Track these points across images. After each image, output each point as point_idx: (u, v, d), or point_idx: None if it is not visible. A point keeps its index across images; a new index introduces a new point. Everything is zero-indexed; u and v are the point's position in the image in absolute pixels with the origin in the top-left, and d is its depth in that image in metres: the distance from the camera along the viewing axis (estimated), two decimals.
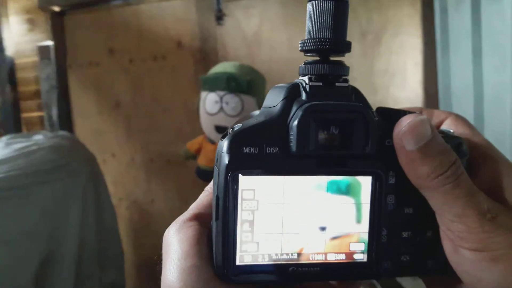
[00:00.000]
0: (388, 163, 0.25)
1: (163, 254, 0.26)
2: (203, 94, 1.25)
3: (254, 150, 0.24)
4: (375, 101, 1.65)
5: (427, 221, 0.26)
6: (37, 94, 2.08)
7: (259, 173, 0.25)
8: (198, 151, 1.35)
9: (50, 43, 1.92)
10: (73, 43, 1.93)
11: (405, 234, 0.27)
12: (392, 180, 0.26)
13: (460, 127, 0.29)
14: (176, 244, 0.25)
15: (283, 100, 0.25)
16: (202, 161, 1.31)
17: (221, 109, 1.21)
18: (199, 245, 0.25)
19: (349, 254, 0.27)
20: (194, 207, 0.28)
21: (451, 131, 0.28)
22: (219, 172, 0.25)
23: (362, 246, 0.27)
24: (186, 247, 0.25)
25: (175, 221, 0.27)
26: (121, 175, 1.97)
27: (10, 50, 1.98)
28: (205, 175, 1.29)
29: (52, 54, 1.92)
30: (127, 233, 2.00)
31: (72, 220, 1.25)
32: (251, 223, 0.25)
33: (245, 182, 0.25)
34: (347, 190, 0.26)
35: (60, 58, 1.93)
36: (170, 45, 1.79)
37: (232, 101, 1.20)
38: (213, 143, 1.30)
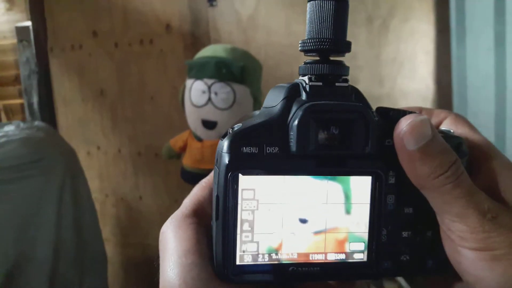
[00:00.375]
0: (388, 163, 0.25)
1: (161, 250, 0.26)
2: (189, 82, 1.09)
3: (254, 150, 0.24)
4: (381, 93, 1.52)
5: (427, 221, 0.26)
6: (17, 80, 1.93)
7: (259, 173, 0.25)
8: (183, 149, 1.20)
9: (29, 23, 1.77)
10: (54, 24, 1.78)
11: (405, 234, 0.27)
12: (392, 180, 0.26)
13: (459, 127, 0.28)
14: (175, 241, 0.25)
15: (283, 100, 0.25)
16: (187, 161, 1.15)
17: (209, 100, 1.04)
18: (199, 244, 0.25)
19: (349, 254, 0.27)
20: (191, 202, 0.27)
21: (451, 130, 0.27)
22: (219, 172, 0.25)
23: (362, 246, 0.27)
24: (186, 245, 0.25)
25: (173, 216, 0.27)
26: (107, 169, 1.85)
27: None
28: (191, 178, 1.14)
29: (32, 36, 1.77)
30: (114, 232, 1.90)
31: (46, 221, 1.12)
32: (251, 222, 0.25)
33: (245, 182, 0.25)
34: (348, 190, 0.26)
35: (40, 40, 1.78)
36: (158, 28, 1.65)
37: (222, 91, 1.03)
38: (200, 140, 1.14)
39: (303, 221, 0.26)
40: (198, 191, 0.28)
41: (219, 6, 1.56)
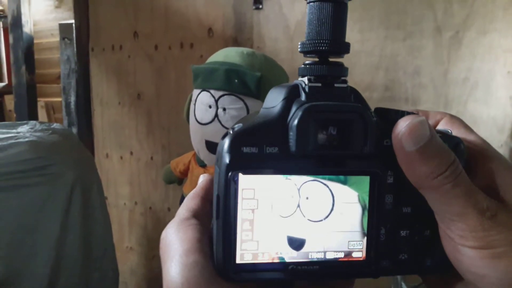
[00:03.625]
0: (386, 163, 0.26)
1: (163, 254, 0.26)
2: (195, 92, 0.91)
3: (254, 149, 0.25)
4: None
5: (425, 220, 0.27)
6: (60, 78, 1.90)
7: (259, 173, 0.25)
8: (184, 174, 1.02)
9: (72, 21, 1.73)
10: (97, 23, 1.73)
11: (403, 233, 0.27)
12: (390, 180, 0.27)
13: (455, 127, 0.29)
14: (176, 243, 0.26)
15: (283, 100, 0.26)
16: (187, 189, 0.98)
17: (216, 117, 0.84)
18: (200, 243, 0.25)
19: (348, 253, 0.27)
20: (185, 210, 0.28)
21: (449, 131, 0.28)
22: (220, 171, 0.25)
23: (361, 245, 0.27)
24: (187, 245, 0.25)
25: (172, 221, 0.28)
26: (138, 176, 1.78)
27: (31, 27, 1.80)
28: None
29: (74, 34, 1.72)
30: (140, 242, 1.82)
31: (47, 236, 1.01)
32: (251, 222, 0.26)
33: (245, 181, 0.25)
34: (347, 190, 0.26)
35: (82, 39, 1.73)
36: (200, 31, 1.54)
37: (232, 107, 0.82)
38: (203, 165, 0.96)
39: (303, 220, 0.26)
40: (189, 201, 0.29)
41: (265, 9, 1.41)
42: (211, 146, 0.89)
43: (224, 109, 0.85)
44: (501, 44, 1.20)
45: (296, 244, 0.27)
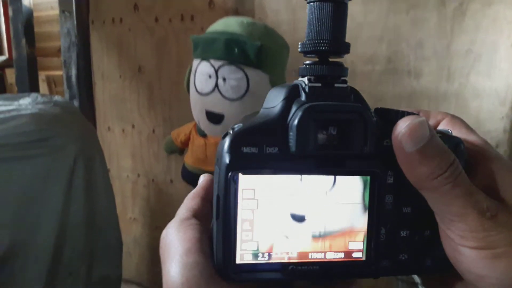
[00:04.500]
0: (386, 163, 0.26)
1: (163, 254, 0.26)
2: (195, 62, 0.90)
3: (254, 150, 0.25)
4: (449, 90, 1.27)
5: (425, 220, 0.27)
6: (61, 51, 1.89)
7: (259, 173, 0.25)
8: (185, 144, 1.02)
9: None
10: None
11: (403, 233, 0.27)
12: (390, 180, 0.26)
13: (456, 128, 0.29)
14: (177, 243, 0.26)
15: (283, 100, 0.26)
16: (188, 159, 0.98)
17: (216, 87, 0.83)
18: (200, 243, 0.26)
19: (348, 253, 0.27)
20: (185, 210, 0.28)
21: (449, 131, 0.28)
22: (220, 171, 0.25)
23: (361, 245, 0.27)
24: (188, 245, 0.25)
25: (173, 220, 0.28)
26: (140, 148, 1.79)
27: (30, 0, 1.77)
28: (192, 179, 0.96)
29: (74, 7, 1.69)
30: (143, 213, 1.85)
31: (51, 206, 1.03)
32: (251, 222, 0.26)
33: (245, 181, 0.25)
34: (347, 190, 0.26)
35: (81, 12, 1.71)
36: (201, 3, 1.52)
37: (232, 77, 0.81)
38: (203, 135, 0.95)
39: (303, 220, 0.26)
40: (189, 202, 0.29)
41: None
42: (212, 116, 0.89)
43: (224, 79, 0.84)
44: (506, 15, 1.17)
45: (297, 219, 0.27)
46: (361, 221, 0.27)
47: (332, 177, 0.26)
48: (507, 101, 1.23)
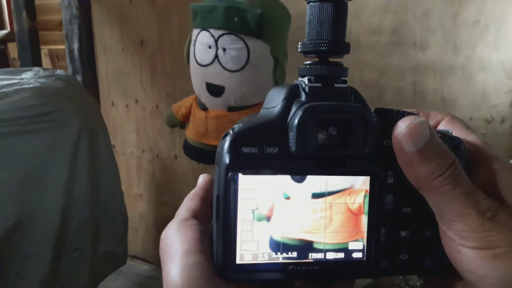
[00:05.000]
0: (386, 163, 0.26)
1: (163, 254, 0.26)
2: (194, 32, 0.87)
3: (254, 150, 0.25)
4: (455, 62, 1.25)
5: (425, 220, 0.27)
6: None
7: (259, 173, 0.25)
8: (186, 117, 1.01)
9: None
10: None
11: (403, 233, 0.27)
12: (390, 180, 0.27)
13: (456, 128, 0.29)
14: (177, 243, 0.26)
15: (283, 100, 0.26)
16: (190, 133, 0.97)
17: (216, 58, 0.81)
18: (200, 243, 0.26)
19: (348, 253, 0.27)
20: (185, 210, 0.28)
21: (449, 131, 0.28)
22: (220, 171, 0.25)
23: (361, 245, 0.27)
24: (187, 245, 0.25)
25: (172, 221, 0.28)
26: (144, 124, 1.79)
27: None
28: (194, 153, 0.96)
29: None
30: (148, 189, 1.86)
31: (56, 180, 1.04)
32: (251, 222, 0.26)
33: (245, 181, 0.25)
34: (346, 190, 0.26)
35: None
36: None
37: (232, 47, 0.79)
38: (204, 108, 0.94)
39: (301, 181, 0.26)
40: (189, 202, 0.29)
41: None
42: (212, 89, 0.88)
43: (224, 49, 0.82)
44: None
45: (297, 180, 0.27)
46: (362, 221, 0.27)
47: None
48: None
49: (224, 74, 0.83)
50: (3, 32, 2.40)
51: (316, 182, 0.26)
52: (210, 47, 0.83)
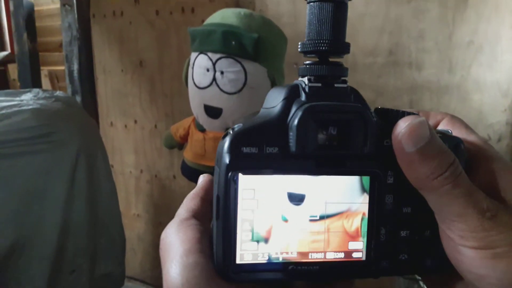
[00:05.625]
0: (386, 163, 0.26)
1: (163, 254, 0.26)
2: (193, 56, 0.89)
3: (254, 150, 0.25)
4: (450, 82, 1.26)
5: (425, 220, 0.27)
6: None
7: (259, 173, 0.25)
8: (184, 139, 1.02)
9: None
10: None
11: (403, 233, 0.27)
12: (390, 180, 0.27)
13: (456, 128, 0.29)
14: (177, 243, 0.26)
15: (283, 100, 0.26)
16: (188, 154, 0.98)
17: (214, 80, 0.82)
18: (200, 243, 0.26)
19: (348, 253, 0.27)
20: (185, 210, 0.28)
21: (449, 131, 0.28)
22: (220, 171, 0.25)
23: (361, 245, 0.27)
24: (188, 245, 0.25)
25: (172, 221, 0.28)
26: (143, 144, 1.79)
27: None
28: (191, 174, 0.96)
29: (74, 0, 1.70)
30: (146, 209, 1.85)
31: (54, 201, 1.03)
32: (251, 222, 0.26)
33: (245, 181, 0.25)
34: (347, 190, 0.26)
35: (82, 5, 1.71)
36: None
37: (229, 70, 0.80)
38: (202, 130, 0.95)
39: (299, 203, 0.26)
40: (189, 202, 0.29)
41: None
42: (210, 111, 0.88)
43: (222, 72, 0.83)
44: (508, 4, 1.16)
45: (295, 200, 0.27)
46: (363, 221, 0.27)
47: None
48: (509, 94, 1.22)
49: (222, 97, 0.84)
50: (4, 53, 2.43)
51: (313, 204, 0.26)
52: (208, 70, 0.84)
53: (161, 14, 1.59)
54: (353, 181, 0.27)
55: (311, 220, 0.26)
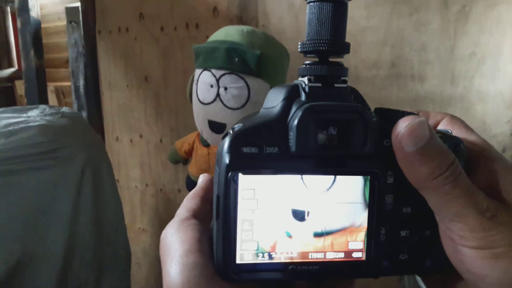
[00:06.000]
0: (386, 163, 0.26)
1: (163, 254, 0.26)
2: (197, 72, 0.90)
3: (254, 150, 0.25)
4: (453, 93, 1.27)
5: (425, 220, 0.27)
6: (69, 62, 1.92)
7: (259, 173, 0.25)
8: (189, 154, 1.03)
9: (78, 4, 1.73)
10: (103, 6, 1.73)
11: (403, 233, 0.27)
12: (390, 180, 0.27)
13: (456, 128, 0.29)
14: (176, 243, 0.26)
15: (283, 100, 0.26)
16: (192, 169, 0.99)
17: (218, 96, 0.84)
18: (200, 243, 0.26)
19: (348, 253, 0.27)
20: (185, 210, 0.28)
21: (449, 131, 0.28)
22: (220, 171, 0.25)
23: (361, 245, 0.27)
24: (187, 245, 0.25)
25: (172, 221, 0.28)
26: (148, 158, 1.80)
27: (38, 11, 1.81)
28: None
29: (80, 17, 1.73)
30: (151, 223, 1.85)
31: (60, 216, 1.04)
32: (251, 222, 0.26)
33: (245, 181, 0.25)
34: (346, 190, 0.26)
35: (88, 22, 1.74)
36: (205, 11, 1.53)
37: (233, 86, 0.82)
38: (206, 145, 0.96)
39: (302, 220, 0.26)
40: (189, 201, 0.29)
41: None
42: (214, 126, 0.89)
43: (226, 88, 0.85)
44: (509, 17, 1.17)
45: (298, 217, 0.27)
46: (362, 221, 0.27)
47: (331, 177, 0.26)
48: None
49: (225, 112, 0.85)
50: (11, 70, 2.47)
51: (317, 220, 0.26)
52: (212, 86, 0.85)
53: (165, 30, 1.62)
54: (356, 196, 0.27)
55: (315, 236, 0.27)
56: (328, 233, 0.27)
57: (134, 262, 1.45)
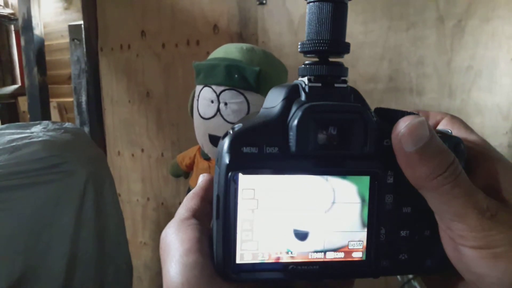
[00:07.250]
0: (386, 163, 0.26)
1: (163, 254, 0.26)
2: (198, 88, 0.92)
3: (254, 150, 0.25)
4: (451, 106, 1.29)
5: (425, 220, 0.27)
6: (71, 78, 1.94)
7: (259, 173, 0.25)
8: (190, 167, 1.04)
9: (81, 22, 1.76)
10: (105, 23, 1.76)
11: (403, 233, 0.27)
12: (390, 180, 0.27)
13: (456, 127, 0.29)
14: (176, 243, 0.26)
15: (283, 100, 0.26)
16: (193, 182, 1.00)
17: (218, 111, 0.86)
18: (200, 243, 0.26)
19: (348, 253, 0.27)
20: (185, 210, 0.28)
21: (449, 131, 0.28)
22: (220, 171, 0.25)
23: (360, 245, 0.27)
24: (187, 245, 0.25)
25: (172, 221, 0.28)
26: (149, 172, 1.81)
27: (41, 29, 1.84)
28: None
29: (83, 34, 1.76)
30: (153, 237, 1.86)
31: (62, 231, 1.05)
32: (251, 222, 0.26)
33: (245, 181, 0.25)
34: (346, 190, 0.26)
35: (91, 39, 1.77)
36: (206, 28, 1.56)
37: (233, 101, 0.84)
38: (207, 159, 0.97)
39: (302, 219, 0.26)
40: (189, 201, 0.29)
41: (269, 5, 1.43)
42: (214, 140, 0.91)
43: (226, 104, 0.87)
44: (504, 31, 1.19)
45: (300, 237, 0.27)
46: (362, 221, 0.27)
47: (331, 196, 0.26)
48: (510, 116, 1.23)
49: (226, 126, 0.87)
50: (14, 86, 2.50)
51: (316, 240, 0.26)
52: (212, 101, 0.87)
53: (167, 46, 1.65)
54: (354, 216, 0.27)
55: (315, 252, 0.27)
56: (327, 251, 0.27)
57: (135, 276, 1.45)
